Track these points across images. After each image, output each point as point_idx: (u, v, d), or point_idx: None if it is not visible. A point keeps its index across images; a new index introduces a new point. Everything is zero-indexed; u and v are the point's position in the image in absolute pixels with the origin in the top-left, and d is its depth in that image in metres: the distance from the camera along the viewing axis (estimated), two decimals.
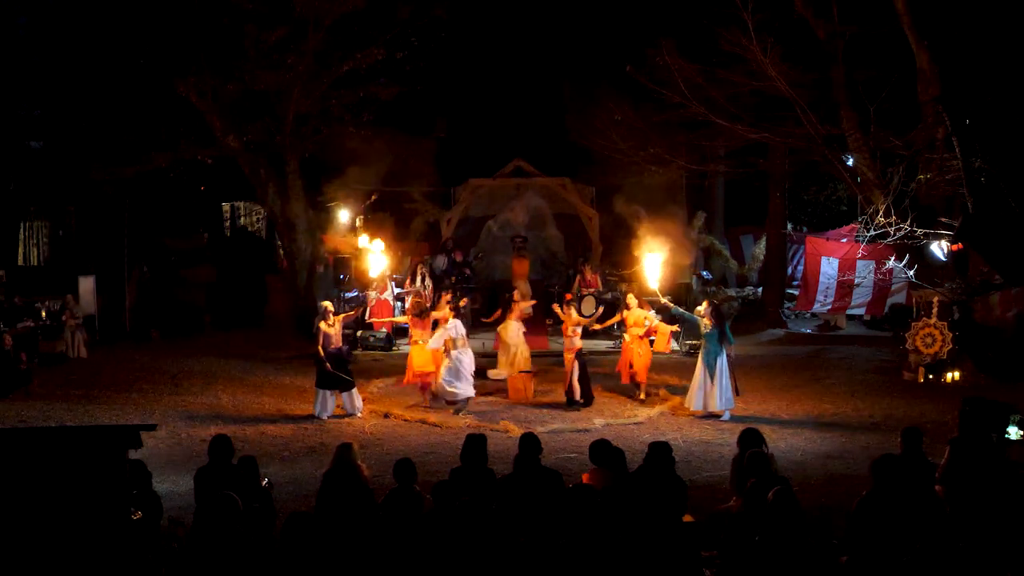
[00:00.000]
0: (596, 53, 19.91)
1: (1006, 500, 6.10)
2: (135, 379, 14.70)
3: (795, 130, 15.48)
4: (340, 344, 12.46)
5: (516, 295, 14.22)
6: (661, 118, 17.71)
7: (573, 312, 12.92)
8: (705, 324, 11.91)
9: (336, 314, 12.63)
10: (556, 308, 13.36)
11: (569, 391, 12.54)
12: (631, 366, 12.92)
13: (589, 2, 21.00)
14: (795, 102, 14.65)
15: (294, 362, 15.99)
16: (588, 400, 12.62)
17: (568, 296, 13.70)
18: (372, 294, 17.77)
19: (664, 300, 12.68)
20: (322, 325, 12.21)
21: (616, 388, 13.45)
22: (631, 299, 13.17)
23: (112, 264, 19.87)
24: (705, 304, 12.32)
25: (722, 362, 11.76)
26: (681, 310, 13.18)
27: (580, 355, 12.64)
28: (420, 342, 12.70)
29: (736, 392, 11.90)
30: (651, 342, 13.48)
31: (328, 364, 12.01)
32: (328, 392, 12.18)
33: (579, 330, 12.79)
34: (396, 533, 5.79)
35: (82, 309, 17.73)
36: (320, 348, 12.07)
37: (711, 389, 11.78)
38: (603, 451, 6.78)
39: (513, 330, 13.34)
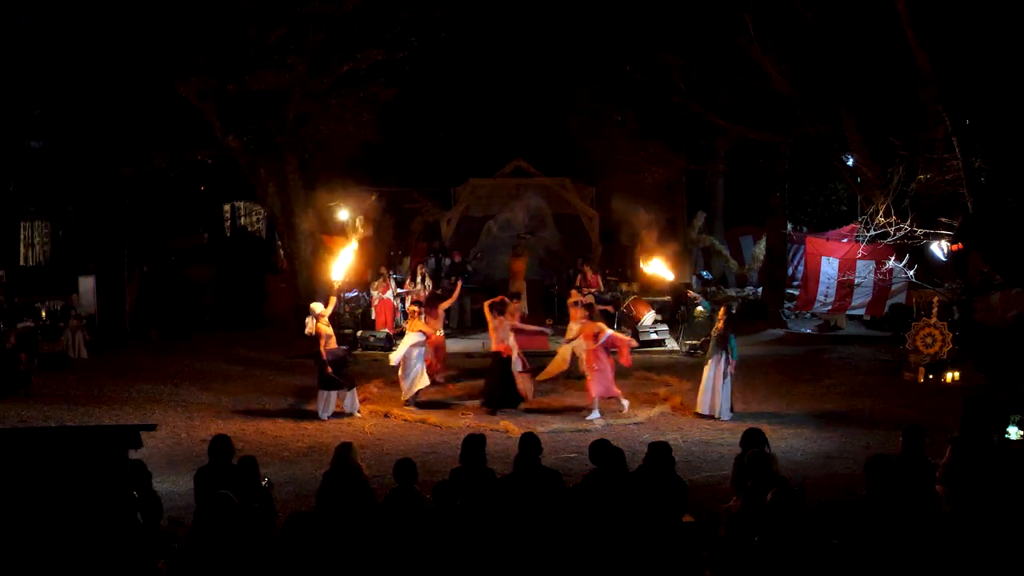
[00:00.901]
0: (596, 53, 19.91)
1: (1006, 500, 6.10)
2: (135, 379, 14.71)
3: (795, 130, 15.47)
4: (336, 345, 12.40)
5: (575, 293, 14.44)
6: (661, 118, 17.71)
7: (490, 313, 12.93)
8: (717, 328, 11.99)
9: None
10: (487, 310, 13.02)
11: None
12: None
13: (589, 2, 21.00)
14: (795, 102, 14.64)
15: (294, 362, 15.99)
16: (512, 402, 12.35)
17: (501, 298, 13.56)
18: (375, 293, 17.82)
19: (691, 293, 12.78)
20: (321, 327, 12.04)
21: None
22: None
23: (112, 264, 19.87)
24: (723, 310, 12.36)
25: (718, 368, 11.78)
26: (706, 302, 13.22)
27: (499, 357, 12.39)
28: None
29: (731, 409, 11.82)
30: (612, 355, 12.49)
31: (329, 367, 11.99)
32: (332, 393, 12.15)
33: (501, 331, 12.66)
34: (396, 533, 5.79)
35: (83, 309, 17.75)
36: (323, 350, 12.01)
37: (703, 390, 11.88)
38: (603, 451, 6.77)
39: (575, 331, 13.47)
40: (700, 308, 13.30)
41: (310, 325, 12.11)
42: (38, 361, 15.47)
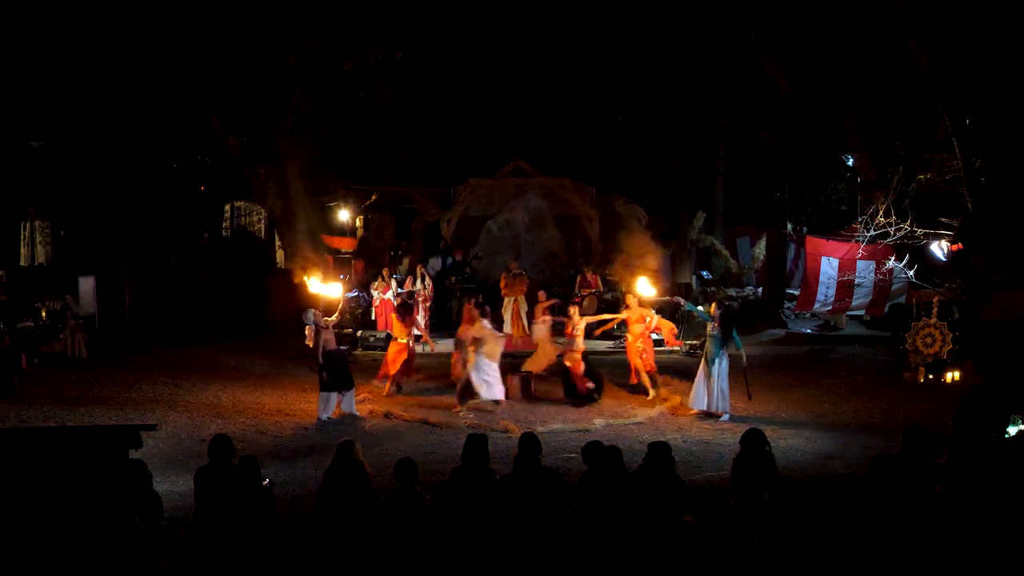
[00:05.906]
0: (596, 53, 19.90)
1: (1006, 500, 6.10)
2: (135, 379, 14.71)
3: (795, 130, 15.48)
4: (336, 345, 12.41)
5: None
6: (662, 117, 17.72)
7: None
8: (712, 326, 11.95)
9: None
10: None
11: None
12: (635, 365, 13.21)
13: (589, 2, 21.00)
14: (795, 102, 14.64)
15: (294, 362, 15.99)
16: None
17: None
18: (375, 294, 17.83)
19: (676, 298, 13.15)
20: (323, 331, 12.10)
21: (624, 387, 13.56)
22: (631, 299, 13.25)
23: (112, 264, 19.87)
24: (714, 306, 12.34)
25: (720, 365, 11.78)
26: (692, 305, 13.44)
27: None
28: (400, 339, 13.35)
29: (748, 396, 12.04)
30: (655, 341, 13.76)
31: (325, 373, 11.98)
32: (333, 393, 12.14)
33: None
34: (397, 533, 5.79)
35: (82, 309, 17.73)
36: (320, 355, 11.99)
37: (706, 389, 11.85)
38: (595, 452, 6.73)
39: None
40: (695, 313, 13.43)
41: (309, 335, 12.21)
42: (38, 361, 15.47)
